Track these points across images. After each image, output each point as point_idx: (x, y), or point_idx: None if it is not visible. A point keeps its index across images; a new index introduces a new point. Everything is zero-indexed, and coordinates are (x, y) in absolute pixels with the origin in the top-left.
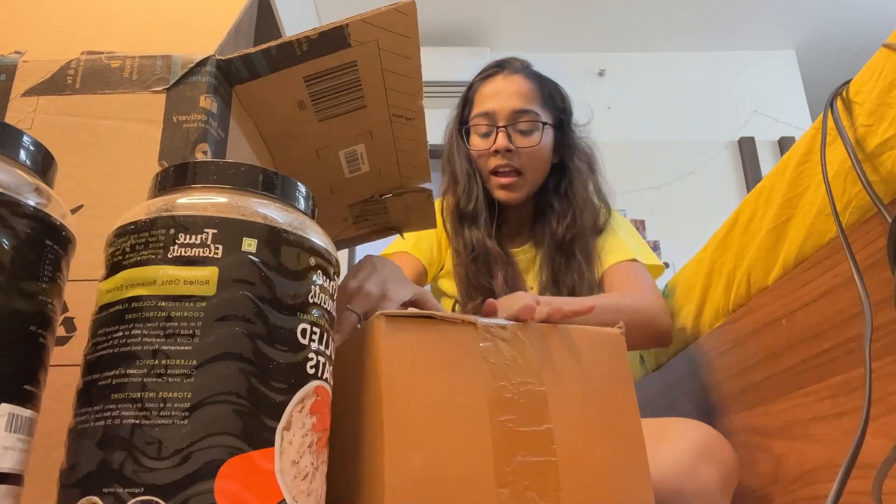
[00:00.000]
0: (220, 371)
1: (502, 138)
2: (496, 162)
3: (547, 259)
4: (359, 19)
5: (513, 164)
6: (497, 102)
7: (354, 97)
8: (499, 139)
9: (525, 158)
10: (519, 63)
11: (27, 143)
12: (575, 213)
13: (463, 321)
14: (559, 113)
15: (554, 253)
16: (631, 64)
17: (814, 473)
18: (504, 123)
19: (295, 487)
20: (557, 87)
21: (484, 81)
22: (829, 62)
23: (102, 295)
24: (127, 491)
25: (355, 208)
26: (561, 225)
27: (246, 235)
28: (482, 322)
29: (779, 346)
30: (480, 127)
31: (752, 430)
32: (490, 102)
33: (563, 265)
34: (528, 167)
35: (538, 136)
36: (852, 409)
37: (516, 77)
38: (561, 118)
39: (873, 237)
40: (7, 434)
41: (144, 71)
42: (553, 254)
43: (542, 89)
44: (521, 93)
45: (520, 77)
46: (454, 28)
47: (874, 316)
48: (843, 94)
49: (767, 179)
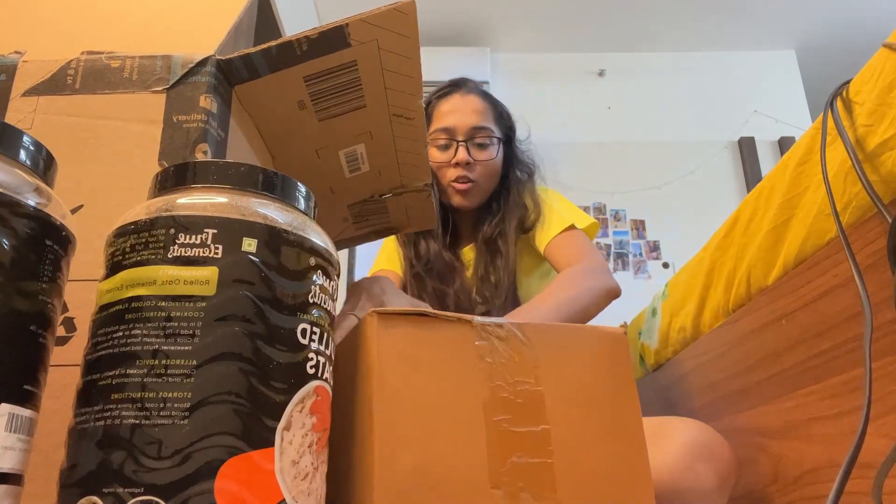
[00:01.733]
0: (220, 371)
1: (462, 152)
2: (456, 173)
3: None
4: (359, 19)
5: (470, 175)
6: (456, 119)
7: (354, 97)
8: (459, 153)
9: (481, 170)
10: (473, 84)
11: (27, 143)
12: (504, 215)
13: (459, 319)
14: (507, 131)
15: (483, 249)
16: (631, 64)
17: (814, 473)
18: (463, 138)
19: (295, 487)
20: (504, 108)
21: (441, 99)
22: (829, 62)
23: (102, 295)
24: (127, 491)
25: (355, 208)
26: (490, 225)
27: (246, 235)
28: (478, 320)
29: (779, 346)
30: (440, 141)
31: (752, 430)
32: (449, 118)
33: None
34: (483, 177)
35: (494, 150)
36: (852, 409)
37: (472, 96)
38: (509, 135)
39: (873, 237)
40: (7, 434)
41: (144, 71)
42: (483, 250)
43: (494, 109)
44: (477, 111)
45: (475, 97)
46: (454, 28)
47: (874, 316)
48: (843, 94)
49: (767, 179)
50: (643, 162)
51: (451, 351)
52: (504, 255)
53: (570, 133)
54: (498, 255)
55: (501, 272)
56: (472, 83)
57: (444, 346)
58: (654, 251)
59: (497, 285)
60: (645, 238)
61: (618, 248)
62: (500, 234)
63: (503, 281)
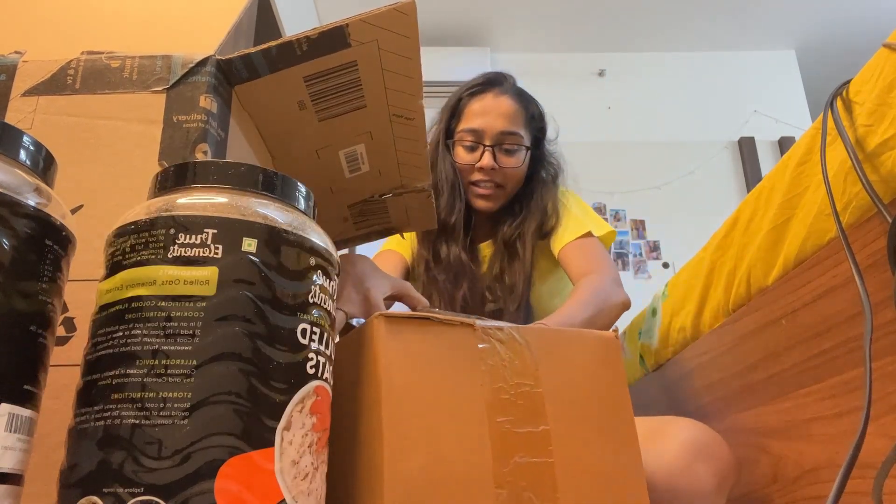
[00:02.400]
0: (220, 371)
1: (488, 157)
2: (479, 176)
3: (496, 254)
4: (359, 19)
5: (494, 179)
6: (485, 122)
7: (354, 97)
8: (485, 158)
9: (506, 175)
10: (508, 83)
11: (27, 143)
12: (525, 217)
13: (461, 323)
14: (537, 132)
15: (502, 250)
16: (631, 64)
17: (814, 473)
18: (491, 143)
19: (295, 487)
20: (538, 106)
21: (473, 97)
22: (829, 62)
23: (102, 295)
24: (127, 491)
25: (355, 208)
26: (510, 227)
27: (246, 235)
28: (480, 324)
29: (779, 346)
30: (466, 141)
31: (752, 430)
32: (478, 120)
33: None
34: (508, 182)
35: (521, 157)
36: (852, 409)
37: (505, 98)
38: (538, 137)
39: (873, 237)
40: (7, 434)
41: (144, 71)
42: (501, 250)
43: (526, 111)
44: (507, 115)
45: (508, 99)
46: (454, 28)
47: (874, 316)
48: (843, 94)
49: (767, 179)
50: (643, 162)
51: (454, 354)
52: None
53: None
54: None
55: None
56: (508, 82)
57: (448, 348)
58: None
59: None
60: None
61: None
62: (520, 236)
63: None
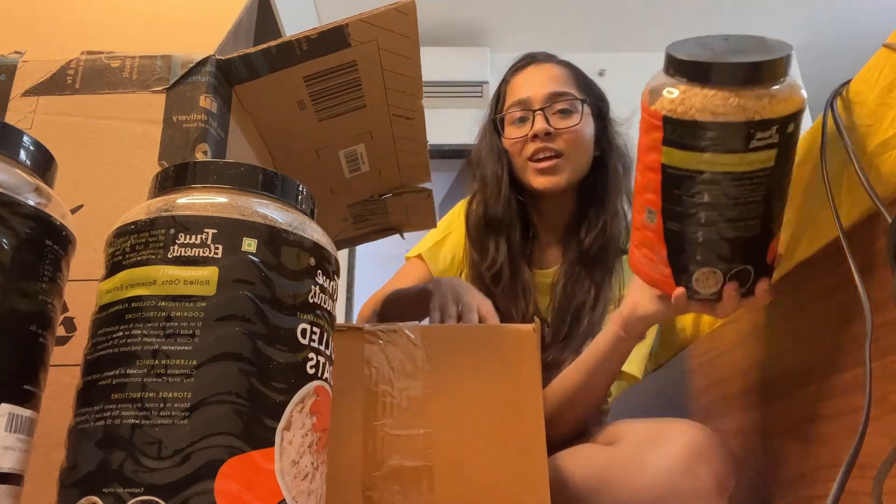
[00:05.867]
0: (220, 371)
1: (540, 121)
2: (534, 147)
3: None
4: (359, 19)
5: (552, 146)
6: (531, 89)
7: (354, 97)
8: (536, 122)
9: (566, 140)
10: (548, 54)
11: (27, 143)
12: (606, 222)
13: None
14: (597, 101)
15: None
16: (631, 64)
17: (814, 473)
18: (540, 106)
19: (295, 487)
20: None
21: (515, 74)
22: (829, 62)
23: (102, 295)
24: (127, 491)
25: (355, 208)
26: (590, 235)
27: (246, 235)
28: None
29: (779, 346)
30: (515, 114)
31: (752, 430)
32: (523, 90)
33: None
34: (570, 150)
35: (578, 117)
36: (852, 409)
37: (548, 65)
38: (600, 106)
39: (873, 237)
40: (7, 434)
41: (144, 71)
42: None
43: (576, 75)
44: (554, 76)
45: (551, 65)
46: (454, 28)
47: (874, 316)
48: (843, 94)
49: None
50: None
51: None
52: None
53: None
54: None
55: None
56: (547, 53)
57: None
58: None
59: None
60: None
61: None
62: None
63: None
